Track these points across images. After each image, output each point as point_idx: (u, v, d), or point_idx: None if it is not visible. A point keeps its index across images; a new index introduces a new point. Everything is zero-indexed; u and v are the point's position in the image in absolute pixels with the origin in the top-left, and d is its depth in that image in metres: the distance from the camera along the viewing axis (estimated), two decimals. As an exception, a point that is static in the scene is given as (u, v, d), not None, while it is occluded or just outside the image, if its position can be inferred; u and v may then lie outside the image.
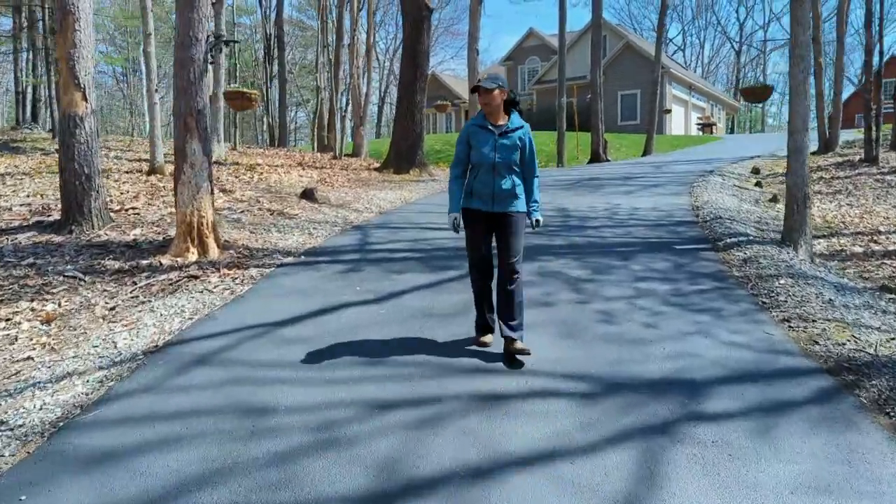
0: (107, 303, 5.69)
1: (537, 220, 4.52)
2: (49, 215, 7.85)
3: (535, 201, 4.53)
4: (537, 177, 4.57)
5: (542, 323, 5.00)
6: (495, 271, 4.58)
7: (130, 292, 5.92)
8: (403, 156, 15.87)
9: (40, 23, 20.65)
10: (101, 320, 5.33)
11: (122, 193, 9.20)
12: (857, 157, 16.54)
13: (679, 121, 39.46)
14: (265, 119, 35.00)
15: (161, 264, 6.50)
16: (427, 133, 28.82)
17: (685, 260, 6.86)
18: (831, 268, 7.34)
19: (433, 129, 45.46)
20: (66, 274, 6.18)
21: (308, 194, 10.46)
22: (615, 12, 68.09)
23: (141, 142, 20.54)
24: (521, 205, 4.44)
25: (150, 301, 5.70)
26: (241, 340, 4.73)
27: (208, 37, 6.84)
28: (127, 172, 10.90)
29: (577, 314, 5.22)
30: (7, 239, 7.05)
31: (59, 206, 7.61)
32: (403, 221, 9.35)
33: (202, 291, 5.89)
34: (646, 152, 24.90)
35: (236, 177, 12.00)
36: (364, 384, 3.98)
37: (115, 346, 4.74)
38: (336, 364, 4.27)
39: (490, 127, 4.40)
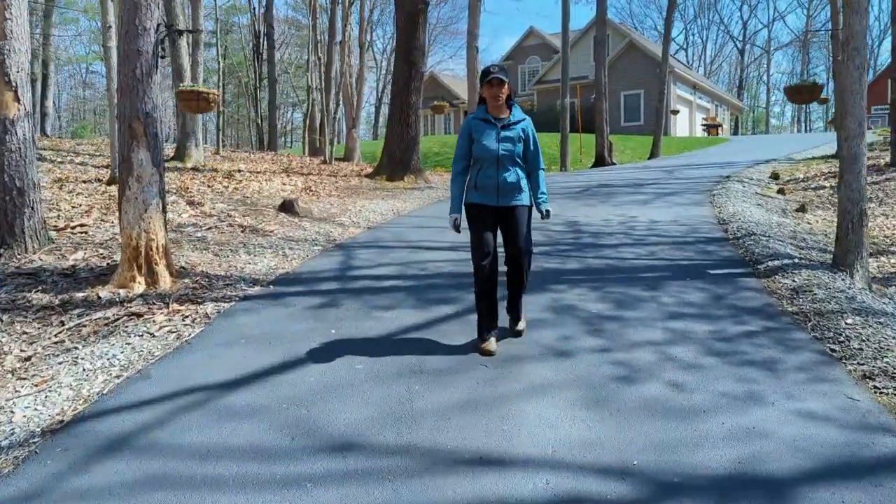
0: (22, 350, 4.62)
1: (547, 211, 4.56)
2: (-20, 235, 6.76)
3: (543, 193, 4.56)
4: (542, 168, 4.60)
5: (560, 383, 3.93)
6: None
7: (55, 335, 4.86)
8: (397, 161, 14.77)
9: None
10: (8, 376, 4.26)
11: (72, 207, 8.11)
12: (883, 161, 15.46)
13: (684, 122, 38.44)
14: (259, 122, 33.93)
15: (99, 298, 5.42)
16: (424, 135, 27.76)
17: (723, 289, 5.80)
18: (894, 296, 6.28)
19: (431, 130, 44.42)
20: (-20, 312, 5.10)
21: (287, 207, 9.37)
22: (616, 11, 67.04)
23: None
24: (525, 198, 4.46)
25: (76, 348, 4.63)
26: (174, 412, 3.66)
27: (158, 26, 5.77)
28: (85, 182, 9.80)
29: (601, 369, 4.15)
30: (-79, 265, 5.98)
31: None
32: (394, 239, 8.27)
33: (142, 335, 4.82)
34: (652, 155, 23.85)
35: (209, 186, 10.90)
36: (327, 487, 2.91)
37: (11, 420, 3.66)
38: (291, 452, 3.20)
39: (493, 120, 4.40)
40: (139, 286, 5.63)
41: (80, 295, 5.47)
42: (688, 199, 11.28)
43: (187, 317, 5.15)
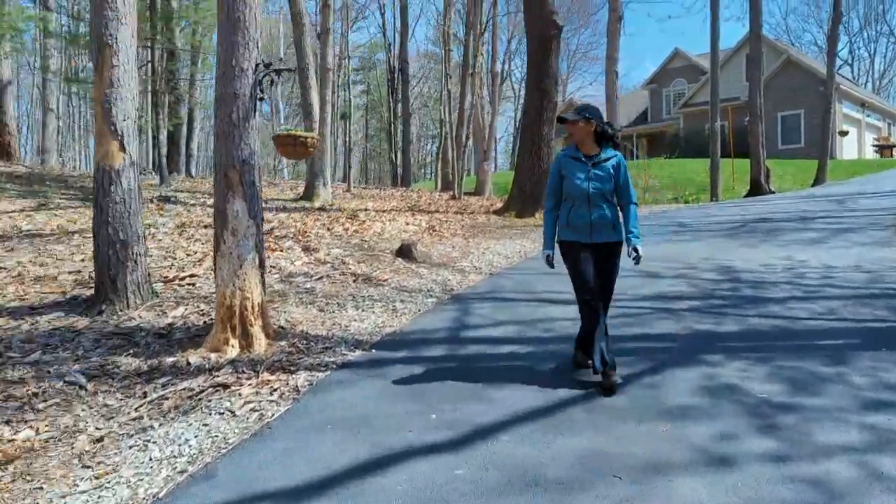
0: (98, 429, 4.19)
1: (636, 250, 4.43)
2: (92, 288, 6.62)
3: (634, 229, 4.46)
4: (634, 203, 4.53)
5: (722, 512, 2.92)
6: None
7: (135, 409, 4.41)
8: (527, 196, 13.93)
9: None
10: (74, 463, 3.81)
11: (187, 255, 7.92)
12: None
13: (851, 143, 34.90)
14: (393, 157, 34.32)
15: (188, 364, 4.97)
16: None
17: (937, 366, 4.48)
18: None
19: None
20: (66, 379, 4.78)
21: (405, 251, 8.77)
22: (770, 28, 62.40)
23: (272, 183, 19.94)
24: (619, 234, 4.47)
25: (151, 427, 4.14)
26: (228, 531, 3.00)
27: (257, 66, 5.33)
28: (206, 227, 9.69)
29: (779, 490, 3.08)
30: (27, 322, 5.83)
31: (102, 277, 6.32)
32: (518, 289, 7.41)
33: (223, 413, 4.27)
34: (817, 181, 21.52)
35: (329, 228, 10.55)
36: None
37: (51, 530, 3.15)
38: None
39: (583, 158, 4.41)
40: (232, 350, 5.15)
41: (169, 360, 5.05)
42: (869, 237, 9.62)
43: (276, 390, 4.56)
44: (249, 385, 4.64)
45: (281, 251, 8.44)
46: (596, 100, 51.81)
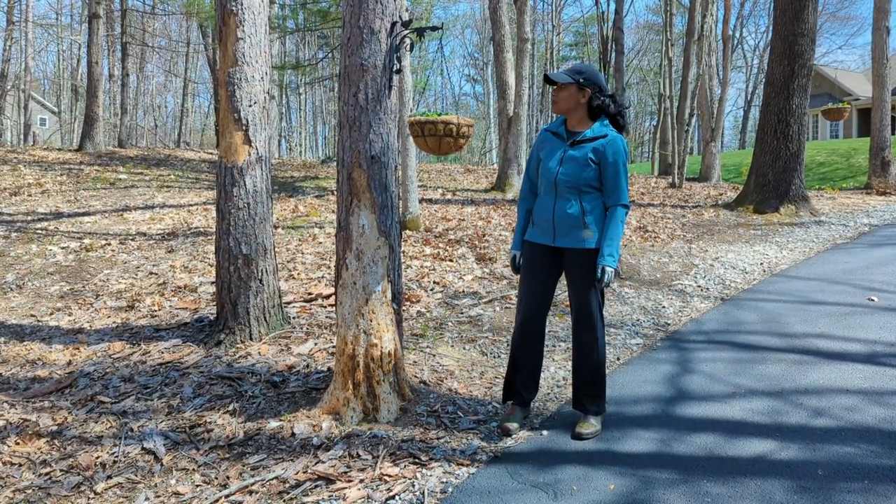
0: (148, 537, 3.02)
1: (603, 270, 3.28)
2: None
3: (610, 242, 3.31)
4: (622, 206, 3.36)
5: None
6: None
7: (209, 505, 3.19)
8: (770, 186, 11.29)
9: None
10: None
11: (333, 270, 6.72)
12: None
13: None
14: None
15: (292, 435, 3.69)
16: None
17: None
18: None
19: (811, 134, 37.81)
20: (145, 444, 3.70)
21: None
22: None
23: (470, 169, 18.91)
24: (594, 240, 3.37)
25: (212, 547, 2.88)
26: None
27: (393, 25, 3.87)
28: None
29: None
30: (140, 350, 4.93)
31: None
32: (765, 327, 5.33)
33: (308, 534, 2.90)
34: None
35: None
36: None
37: None
38: None
39: (564, 134, 3.47)
40: (352, 415, 3.79)
41: (273, 424, 3.80)
42: None
43: (394, 497, 3.11)
44: (361, 483, 3.23)
45: (451, 261, 7.02)
46: (846, 66, 45.00)
